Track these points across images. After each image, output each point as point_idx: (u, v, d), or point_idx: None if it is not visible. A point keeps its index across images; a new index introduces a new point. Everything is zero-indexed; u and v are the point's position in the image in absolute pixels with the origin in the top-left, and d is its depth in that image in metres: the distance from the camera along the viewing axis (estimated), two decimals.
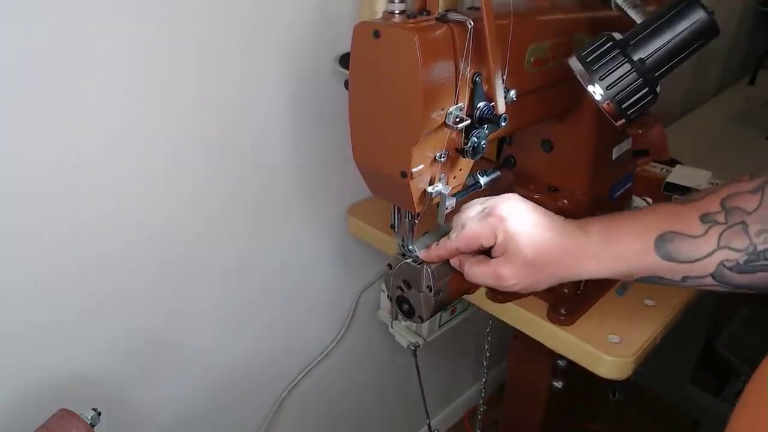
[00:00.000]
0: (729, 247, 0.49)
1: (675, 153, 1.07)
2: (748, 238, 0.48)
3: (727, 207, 0.50)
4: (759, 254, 0.48)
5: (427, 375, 1.11)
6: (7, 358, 0.67)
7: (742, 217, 0.49)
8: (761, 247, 0.48)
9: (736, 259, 0.49)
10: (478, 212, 0.57)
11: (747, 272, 0.49)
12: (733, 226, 0.49)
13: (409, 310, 0.62)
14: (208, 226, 0.80)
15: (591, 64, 0.53)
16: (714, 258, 0.50)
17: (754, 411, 0.37)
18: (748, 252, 0.49)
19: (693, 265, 0.51)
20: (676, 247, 0.51)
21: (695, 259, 0.51)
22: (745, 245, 0.49)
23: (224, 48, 0.72)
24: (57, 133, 0.62)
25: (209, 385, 0.92)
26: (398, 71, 0.48)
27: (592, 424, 1.56)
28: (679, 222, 0.52)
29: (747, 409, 0.38)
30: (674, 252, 0.51)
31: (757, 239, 0.48)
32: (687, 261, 0.51)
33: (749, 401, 0.38)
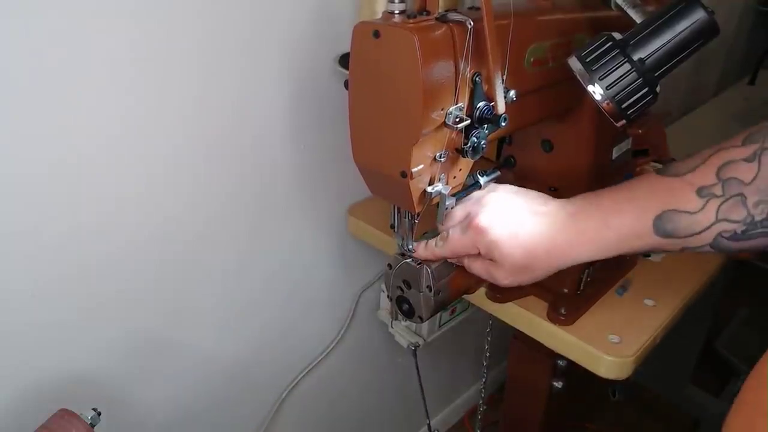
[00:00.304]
0: (727, 219, 0.49)
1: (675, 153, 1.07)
2: (746, 210, 0.48)
3: (723, 178, 0.49)
4: (756, 224, 0.48)
5: (427, 375, 1.11)
6: (7, 358, 0.67)
7: (739, 189, 0.48)
8: (759, 217, 0.48)
9: (734, 230, 0.49)
10: (461, 219, 0.57)
11: (744, 239, 0.49)
12: (731, 198, 0.49)
13: (409, 310, 0.62)
14: (208, 226, 0.80)
15: (591, 64, 0.53)
16: (712, 230, 0.50)
17: (751, 408, 0.37)
18: (746, 222, 0.49)
19: (691, 239, 0.51)
20: (675, 226, 0.51)
21: (694, 233, 0.51)
22: (743, 216, 0.49)
23: (224, 48, 0.72)
24: (57, 133, 0.62)
25: (209, 385, 0.92)
26: (398, 71, 0.48)
27: (592, 424, 1.56)
28: (676, 199, 0.51)
29: (744, 407, 0.38)
30: (673, 230, 0.51)
31: (755, 210, 0.48)
32: (686, 236, 0.51)
33: (746, 399, 0.38)
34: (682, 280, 0.78)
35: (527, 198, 0.57)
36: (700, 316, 1.41)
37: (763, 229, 0.48)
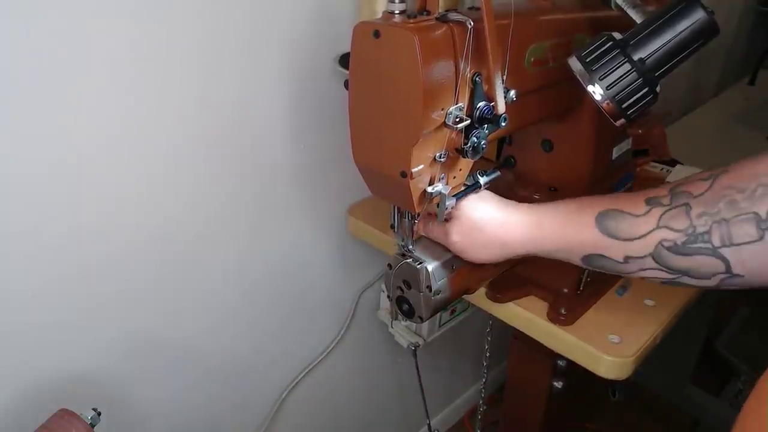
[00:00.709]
0: (668, 227, 0.49)
1: (675, 153, 1.07)
2: (688, 220, 0.48)
3: (675, 192, 0.50)
4: (698, 236, 0.48)
5: (427, 375, 1.11)
6: (7, 358, 0.67)
7: (687, 200, 0.49)
8: (701, 229, 0.47)
9: (675, 240, 0.49)
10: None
11: (685, 254, 0.49)
12: (676, 208, 0.49)
13: (409, 310, 0.62)
14: (208, 226, 0.80)
15: (591, 64, 0.53)
16: (653, 237, 0.50)
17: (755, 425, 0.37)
18: (687, 233, 0.48)
19: (632, 243, 0.51)
20: (616, 224, 0.52)
21: (634, 236, 0.51)
22: (684, 226, 0.48)
23: (224, 48, 0.72)
24: (57, 133, 0.62)
25: (209, 385, 0.92)
26: (398, 71, 0.48)
27: (592, 424, 1.56)
28: (623, 202, 0.53)
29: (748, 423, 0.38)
30: (613, 228, 0.52)
31: (698, 221, 0.48)
32: (626, 238, 0.51)
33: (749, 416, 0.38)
34: None
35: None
36: (700, 316, 1.41)
37: (703, 243, 0.48)
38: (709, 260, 0.48)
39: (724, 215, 0.46)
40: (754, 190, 0.45)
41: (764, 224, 0.45)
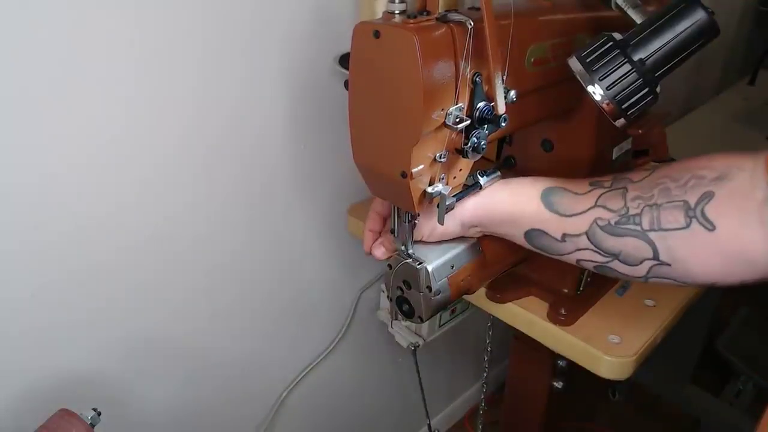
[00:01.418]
0: (604, 207, 0.51)
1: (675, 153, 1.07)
2: (623, 201, 0.50)
3: (617, 177, 0.52)
4: (630, 217, 0.49)
5: (427, 375, 1.11)
6: (7, 358, 0.67)
7: (625, 184, 0.51)
8: (633, 211, 0.49)
9: (608, 219, 0.50)
10: None
11: (616, 235, 0.50)
12: (615, 190, 0.51)
13: (409, 310, 0.62)
14: (208, 226, 0.80)
15: (591, 65, 0.53)
16: (589, 215, 0.52)
17: None
18: (621, 213, 0.50)
19: (570, 220, 0.53)
20: (559, 200, 0.54)
21: (572, 213, 0.53)
22: (619, 207, 0.50)
23: (224, 48, 0.72)
24: (57, 134, 0.63)
25: (209, 385, 0.92)
26: (398, 71, 0.48)
27: (592, 424, 1.56)
28: (569, 183, 0.55)
29: None
30: (556, 203, 0.54)
31: (632, 203, 0.50)
32: (566, 214, 0.53)
33: None
34: None
35: None
36: (700, 316, 1.41)
37: (633, 225, 0.49)
38: (638, 243, 0.49)
39: (656, 200, 0.48)
40: (687, 181, 0.47)
41: (692, 212, 0.46)
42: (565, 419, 1.11)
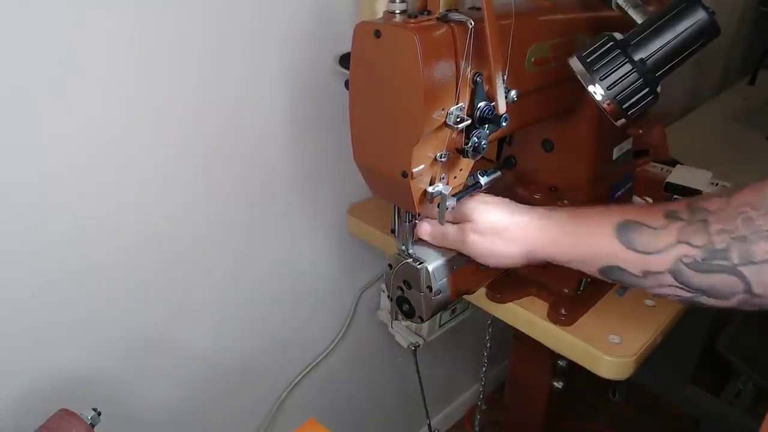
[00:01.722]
0: (688, 243, 0.49)
1: (675, 153, 1.07)
2: (707, 236, 0.48)
3: (693, 207, 0.50)
4: (716, 252, 0.47)
5: (427, 375, 1.11)
6: (7, 358, 0.67)
7: (704, 216, 0.49)
8: (719, 245, 0.47)
9: (694, 256, 0.48)
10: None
11: (704, 271, 0.48)
12: (695, 223, 0.49)
13: (409, 310, 0.62)
14: (208, 226, 0.80)
15: (592, 65, 0.53)
16: (672, 252, 0.49)
17: None
18: (707, 249, 0.48)
19: (651, 258, 0.51)
20: (636, 236, 0.51)
21: (654, 250, 0.50)
22: (703, 242, 0.48)
23: (224, 48, 0.72)
24: (57, 134, 0.62)
25: (209, 385, 0.92)
26: (399, 71, 0.48)
27: (592, 424, 1.56)
28: (643, 214, 0.52)
29: None
30: (633, 240, 0.51)
31: (716, 237, 0.47)
32: (646, 252, 0.51)
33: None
34: None
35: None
36: (700, 316, 1.41)
37: (722, 261, 0.47)
38: (729, 279, 0.47)
39: (741, 232, 0.46)
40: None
41: None
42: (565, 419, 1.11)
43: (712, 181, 1.01)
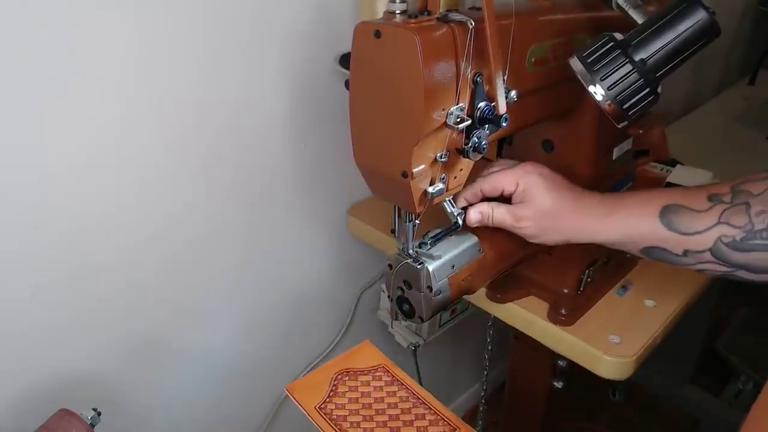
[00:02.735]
0: (728, 223, 0.51)
1: (675, 153, 1.07)
2: (747, 217, 0.51)
3: (736, 190, 0.52)
4: (756, 233, 0.50)
5: (427, 375, 1.11)
6: (7, 358, 0.67)
7: (746, 198, 0.51)
8: (759, 226, 0.50)
9: (734, 236, 0.51)
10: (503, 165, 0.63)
11: (742, 250, 0.51)
12: (736, 206, 0.51)
13: (410, 310, 0.62)
14: (208, 226, 0.80)
15: (592, 65, 0.53)
16: (713, 232, 0.52)
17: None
18: (746, 230, 0.51)
19: (692, 238, 0.53)
20: (679, 218, 0.54)
21: (695, 231, 0.53)
22: (743, 223, 0.51)
23: (225, 48, 0.72)
24: (57, 134, 0.62)
25: (209, 386, 0.92)
26: (399, 71, 0.48)
27: (592, 424, 1.56)
28: (686, 197, 0.55)
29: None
30: (676, 222, 0.54)
31: (757, 219, 0.50)
32: (687, 233, 0.53)
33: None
34: (682, 280, 0.78)
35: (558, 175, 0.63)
36: (700, 316, 1.41)
37: (761, 240, 0.50)
38: (766, 255, 0.50)
39: None
40: None
41: None
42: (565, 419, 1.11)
43: (712, 181, 1.01)
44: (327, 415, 0.57)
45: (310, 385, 0.60)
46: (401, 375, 0.62)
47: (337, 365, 0.63)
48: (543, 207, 0.59)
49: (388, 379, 0.62)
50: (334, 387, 0.60)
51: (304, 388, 0.60)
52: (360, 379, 0.61)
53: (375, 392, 0.61)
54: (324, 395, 0.59)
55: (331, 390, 0.60)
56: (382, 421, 0.58)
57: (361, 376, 0.62)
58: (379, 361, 0.63)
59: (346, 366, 0.62)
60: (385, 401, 0.60)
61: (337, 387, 0.60)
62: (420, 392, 0.61)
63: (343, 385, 0.61)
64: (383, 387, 0.61)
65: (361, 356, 0.63)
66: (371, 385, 0.61)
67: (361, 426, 0.57)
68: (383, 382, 0.61)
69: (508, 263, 0.68)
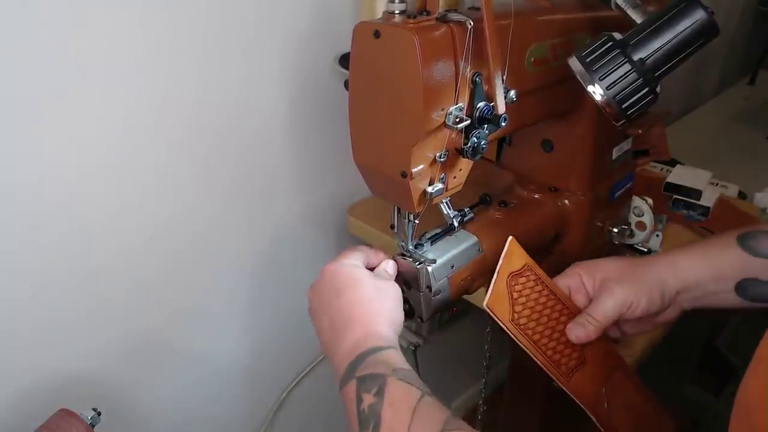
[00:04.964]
0: None
1: (675, 153, 1.07)
2: None
3: None
4: None
5: (427, 375, 1.10)
6: (7, 358, 0.67)
7: None
8: None
9: None
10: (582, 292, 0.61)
11: None
12: None
13: (409, 310, 0.62)
14: (208, 227, 0.80)
15: (591, 64, 0.53)
16: None
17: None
18: None
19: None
20: (758, 242, 0.52)
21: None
22: None
23: (225, 48, 0.72)
24: (57, 134, 0.62)
25: (209, 386, 0.92)
26: (398, 71, 0.48)
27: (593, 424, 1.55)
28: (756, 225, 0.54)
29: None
30: (756, 246, 0.52)
31: None
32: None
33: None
34: None
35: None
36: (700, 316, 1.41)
37: None
38: None
39: None
40: None
41: None
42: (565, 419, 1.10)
43: (711, 181, 1.01)
44: (520, 327, 0.57)
45: (498, 295, 0.58)
46: (541, 273, 0.61)
47: (506, 269, 0.60)
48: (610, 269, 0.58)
49: (534, 278, 0.60)
50: (511, 294, 0.58)
51: (496, 300, 0.58)
52: (519, 281, 0.60)
53: (532, 294, 0.59)
54: (508, 305, 0.58)
55: (510, 296, 0.58)
56: (549, 323, 0.58)
57: (520, 278, 0.60)
58: (524, 260, 0.60)
59: (510, 269, 0.59)
60: (540, 302, 0.59)
61: (512, 293, 0.59)
62: (556, 290, 0.61)
63: (515, 291, 0.59)
64: (533, 287, 0.60)
65: (514, 257, 0.60)
66: (526, 286, 0.60)
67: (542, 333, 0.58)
68: (533, 282, 0.60)
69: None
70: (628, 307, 0.56)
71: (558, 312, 0.60)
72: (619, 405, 0.61)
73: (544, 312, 0.59)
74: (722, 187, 1.06)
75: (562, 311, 0.60)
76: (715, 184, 1.05)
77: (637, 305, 0.56)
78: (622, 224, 0.79)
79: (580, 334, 0.57)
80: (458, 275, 0.61)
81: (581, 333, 0.57)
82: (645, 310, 0.57)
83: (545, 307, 0.59)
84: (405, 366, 0.50)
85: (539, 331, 0.58)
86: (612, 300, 0.57)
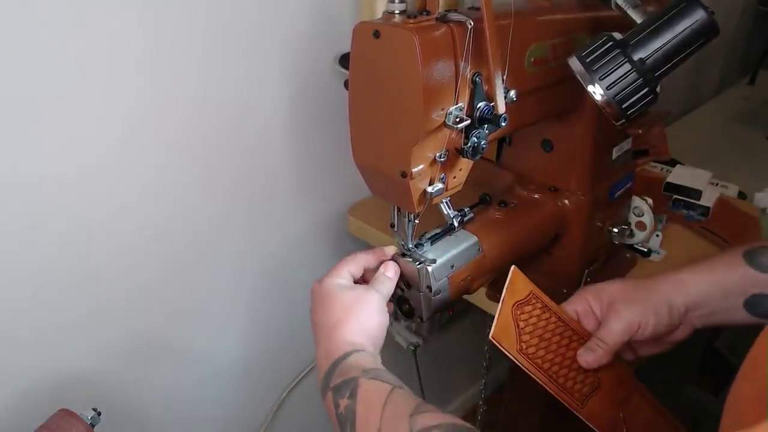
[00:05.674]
0: None
1: (675, 153, 1.07)
2: None
3: None
4: None
5: (427, 375, 1.11)
6: (7, 358, 0.67)
7: None
8: None
9: None
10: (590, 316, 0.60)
11: None
12: None
13: (409, 310, 0.62)
14: (208, 227, 0.80)
15: (591, 64, 0.53)
16: None
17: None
18: None
19: None
20: (766, 259, 0.52)
21: None
22: None
23: (225, 48, 0.72)
24: (57, 134, 0.62)
25: (209, 386, 0.92)
26: (398, 71, 0.48)
27: None
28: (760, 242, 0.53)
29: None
30: (765, 262, 0.52)
31: None
32: None
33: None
34: None
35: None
36: None
37: None
38: None
39: None
40: None
41: None
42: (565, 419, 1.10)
43: (711, 181, 1.01)
44: (528, 357, 0.57)
45: (504, 326, 0.58)
46: (547, 300, 0.60)
47: (510, 299, 0.59)
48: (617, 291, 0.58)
49: (540, 305, 0.60)
50: (517, 323, 0.58)
51: (502, 331, 0.57)
52: (525, 309, 0.59)
53: (539, 322, 0.59)
54: (515, 335, 0.57)
55: (516, 326, 0.58)
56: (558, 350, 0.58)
57: (525, 307, 0.59)
58: (529, 288, 0.60)
59: (515, 299, 0.59)
60: (548, 329, 0.58)
61: (518, 322, 0.58)
62: (563, 315, 0.60)
63: (521, 320, 0.58)
64: (540, 315, 0.59)
65: (518, 286, 0.60)
66: (532, 315, 0.59)
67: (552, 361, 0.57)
68: (539, 310, 0.59)
69: (508, 263, 0.68)
70: (637, 328, 0.56)
71: (567, 338, 0.59)
72: (638, 428, 0.60)
73: (552, 339, 0.59)
74: (722, 187, 1.06)
75: (571, 337, 0.59)
76: (715, 184, 1.05)
77: (646, 325, 0.56)
78: (622, 224, 0.79)
79: (590, 358, 0.57)
80: (458, 275, 0.61)
81: (591, 358, 0.57)
82: (654, 329, 0.56)
83: (554, 334, 0.59)
84: (376, 366, 0.52)
85: (549, 359, 0.58)
86: (620, 322, 0.56)
